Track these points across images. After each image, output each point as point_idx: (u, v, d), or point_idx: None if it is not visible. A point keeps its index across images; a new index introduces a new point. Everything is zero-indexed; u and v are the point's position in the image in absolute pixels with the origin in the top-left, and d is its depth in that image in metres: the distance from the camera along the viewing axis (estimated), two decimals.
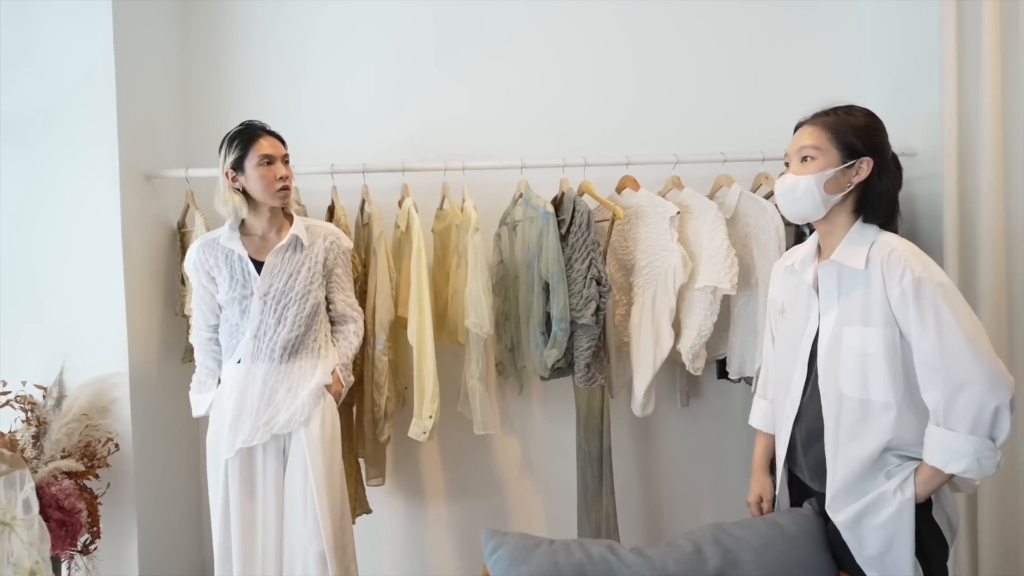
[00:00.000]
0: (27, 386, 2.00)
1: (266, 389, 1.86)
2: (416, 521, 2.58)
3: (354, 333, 2.03)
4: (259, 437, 1.84)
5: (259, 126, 1.89)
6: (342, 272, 2.00)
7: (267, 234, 1.93)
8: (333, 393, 1.94)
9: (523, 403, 2.56)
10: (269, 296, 1.86)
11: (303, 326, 1.89)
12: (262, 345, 1.87)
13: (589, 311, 2.08)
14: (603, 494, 2.24)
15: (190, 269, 1.94)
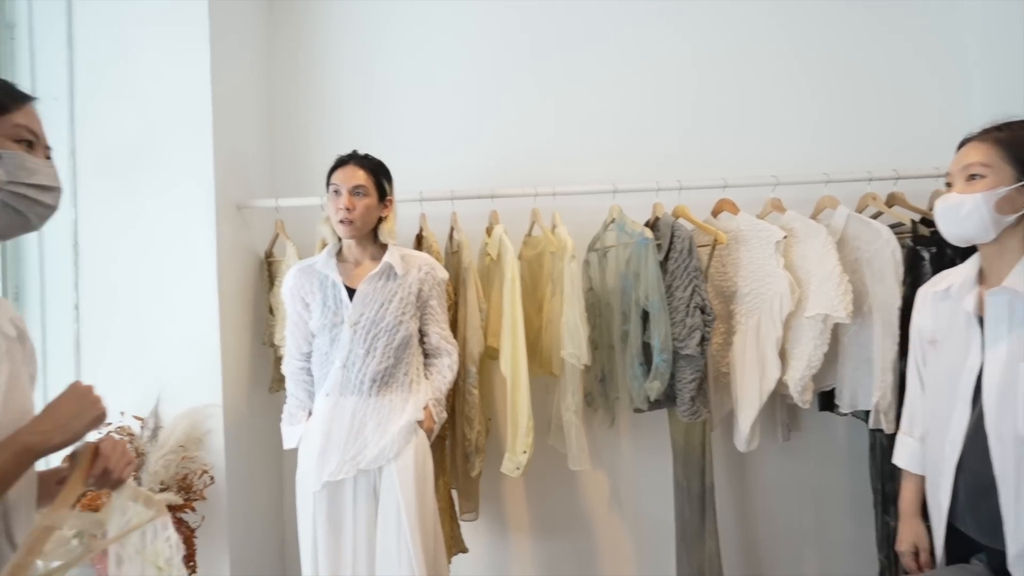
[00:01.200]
0: (125, 416, 2.00)
1: (355, 423, 1.81)
2: (502, 556, 2.49)
3: (448, 367, 1.96)
4: (346, 471, 1.79)
5: (346, 155, 1.88)
6: (436, 304, 1.94)
7: (361, 261, 1.90)
8: (425, 430, 1.87)
9: (611, 436, 2.46)
10: (359, 325, 1.82)
11: (392, 357, 1.84)
12: (351, 375, 1.82)
13: (693, 341, 1.98)
14: (706, 534, 2.12)
15: (286, 295, 1.93)
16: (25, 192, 0.91)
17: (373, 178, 1.85)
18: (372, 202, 1.84)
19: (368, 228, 1.87)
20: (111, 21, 2.10)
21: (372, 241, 1.90)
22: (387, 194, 1.89)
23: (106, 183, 2.11)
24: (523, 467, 2.05)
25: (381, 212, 1.88)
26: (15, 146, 0.92)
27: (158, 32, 2.09)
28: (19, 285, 2.11)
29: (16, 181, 0.90)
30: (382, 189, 1.87)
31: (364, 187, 1.82)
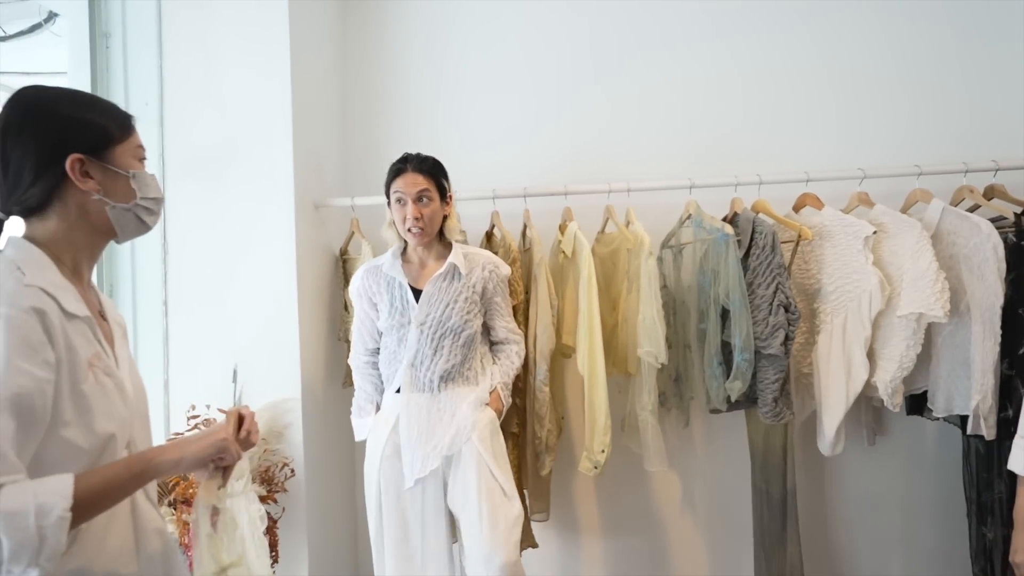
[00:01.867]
0: (211, 409, 2.07)
1: (430, 418, 1.83)
2: (572, 556, 2.47)
3: (516, 354, 1.98)
4: (431, 462, 1.80)
5: (403, 160, 1.86)
6: (501, 300, 1.95)
7: (426, 261, 1.91)
8: (493, 411, 1.88)
9: (686, 437, 2.41)
10: (426, 325, 1.83)
11: (459, 356, 1.86)
12: (419, 374, 1.85)
13: (777, 340, 1.92)
14: (787, 540, 2.05)
15: (353, 295, 1.96)
16: (149, 205, 1.04)
17: (434, 181, 1.84)
18: (437, 205, 1.84)
19: (435, 231, 1.88)
20: (197, 30, 2.18)
21: (437, 240, 1.91)
22: (447, 192, 1.88)
23: (192, 184, 2.19)
24: (601, 466, 2.03)
25: (444, 211, 1.88)
26: (140, 165, 1.04)
27: (241, 39, 2.16)
28: (113, 283, 2.21)
29: (146, 196, 1.03)
30: (442, 189, 1.86)
31: (428, 191, 1.81)
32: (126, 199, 1.01)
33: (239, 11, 2.15)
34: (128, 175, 1.01)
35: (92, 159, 0.97)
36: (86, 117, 0.98)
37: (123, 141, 1.01)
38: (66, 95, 1.01)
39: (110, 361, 0.99)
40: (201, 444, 1.03)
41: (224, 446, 1.04)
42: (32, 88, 0.98)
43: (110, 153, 0.99)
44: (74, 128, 0.96)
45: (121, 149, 1.01)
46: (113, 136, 1.00)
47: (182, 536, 1.79)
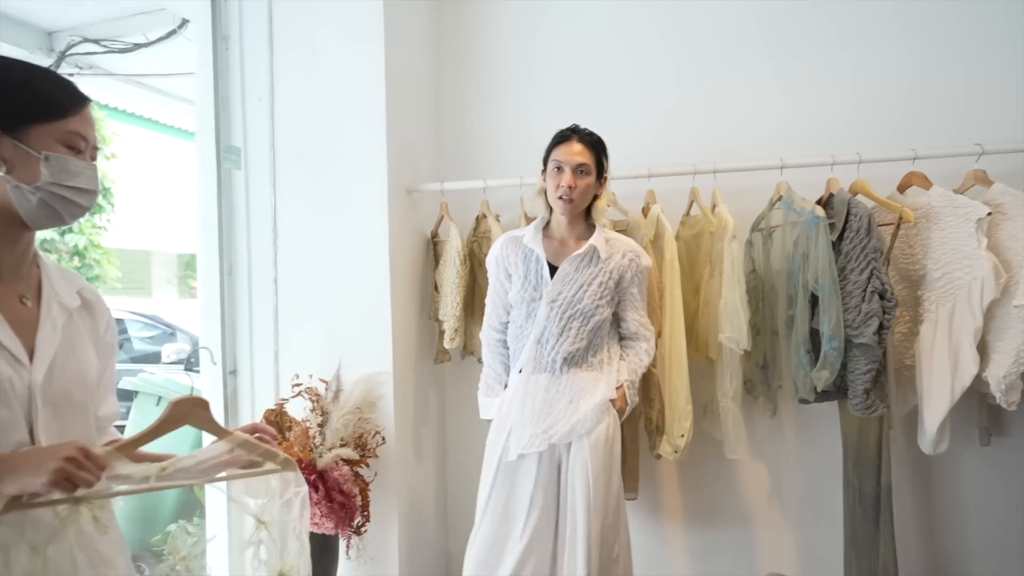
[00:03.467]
0: (313, 379, 2.25)
1: (547, 399, 1.81)
2: (656, 541, 2.47)
3: (646, 352, 1.90)
4: (538, 444, 1.79)
5: (570, 129, 1.84)
6: (637, 291, 1.88)
7: (567, 240, 1.89)
8: (617, 409, 1.83)
9: (774, 426, 2.33)
10: (556, 303, 1.81)
11: (585, 339, 1.82)
12: (544, 352, 1.83)
13: (870, 329, 1.81)
14: (880, 540, 1.94)
15: (491, 263, 1.96)
16: (63, 193, 0.96)
17: (594, 156, 1.81)
18: (592, 180, 1.81)
19: (584, 206, 1.85)
20: (303, 28, 2.34)
21: (582, 219, 1.88)
22: (604, 171, 1.85)
23: (298, 172, 2.38)
24: (681, 451, 2.02)
25: (596, 190, 1.85)
26: (63, 150, 0.96)
27: (341, 35, 2.30)
28: (232, 263, 2.45)
29: (57, 183, 0.95)
30: (600, 167, 1.83)
31: (587, 165, 1.79)
32: (31, 180, 0.94)
33: (340, 9, 2.30)
34: (39, 156, 0.94)
35: (1, 133, 0.92)
36: (8, 90, 0.93)
37: (47, 121, 0.95)
38: (7, 67, 0.96)
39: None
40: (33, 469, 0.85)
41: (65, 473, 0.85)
42: None
43: (25, 131, 0.93)
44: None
45: (42, 129, 0.94)
46: (33, 114, 0.94)
47: None
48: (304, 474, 1.97)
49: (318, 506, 1.96)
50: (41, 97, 0.96)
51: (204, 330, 2.45)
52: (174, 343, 4.90)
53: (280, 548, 1.05)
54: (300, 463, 1.98)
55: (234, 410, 2.42)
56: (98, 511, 0.92)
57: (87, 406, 1.02)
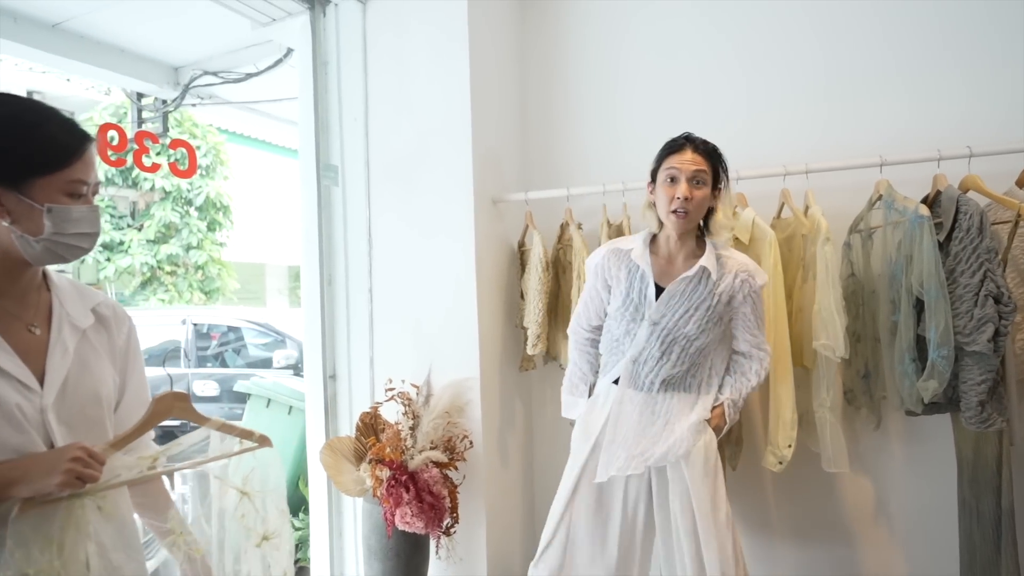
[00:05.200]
0: (405, 384, 2.36)
1: (643, 419, 1.75)
2: (752, 557, 2.36)
3: (756, 373, 1.78)
4: (634, 467, 1.72)
5: (684, 137, 1.71)
6: (751, 311, 1.75)
7: (675, 257, 1.76)
8: (713, 427, 1.75)
9: (879, 439, 2.19)
10: (659, 326, 1.71)
11: (687, 363, 1.73)
12: (640, 372, 1.75)
13: (984, 336, 1.68)
14: (1001, 567, 1.78)
15: (590, 269, 1.87)
16: (66, 240, 1.00)
17: (711, 165, 1.68)
18: (708, 192, 1.68)
19: (698, 221, 1.72)
20: (394, 50, 2.47)
21: (693, 236, 1.76)
22: (719, 182, 1.71)
23: (391, 186, 2.50)
24: (786, 461, 1.95)
25: (712, 202, 1.71)
26: (66, 200, 0.99)
27: (428, 55, 2.41)
28: (331, 273, 2.61)
29: (60, 232, 0.98)
30: (717, 176, 1.70)
31: (703, 172, 1.66)
32: (34, 232, 0.97)
33: (426, 30, 2.40)
34: (42, 208, 0.96)
35: (5, 188, 0.95)
36: (11, 142, 0.96)
37: (49, 173, 0.97)
38: (9, 116, 0.97)
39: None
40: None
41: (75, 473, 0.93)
42: None
43: (28, 184, 0.96)
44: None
45: (45, 182, 0.97)
46: (36, 167, 0.96)
47: (375, 492, 2.08)
48: (396, 475, 2.08)
49: (409, 506, 2.04)
50: (44, 148, 0.97)
51: (307, 337, 2.62)
52: (284, 349, 5.24)
53: (262, 515, 1.15)
54: (392, 464, 2.09)
55: (333, 412, 2.57)
56: (100, 501, 1.00)
57: (103, 419, 1.07)
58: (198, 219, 9.80)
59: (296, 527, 3.03)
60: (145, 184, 9.27)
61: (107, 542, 1.02)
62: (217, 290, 10.18)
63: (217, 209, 10.04)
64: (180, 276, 9.83)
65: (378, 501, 2.10)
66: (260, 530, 1.14)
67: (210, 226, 10.03)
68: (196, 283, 10.02)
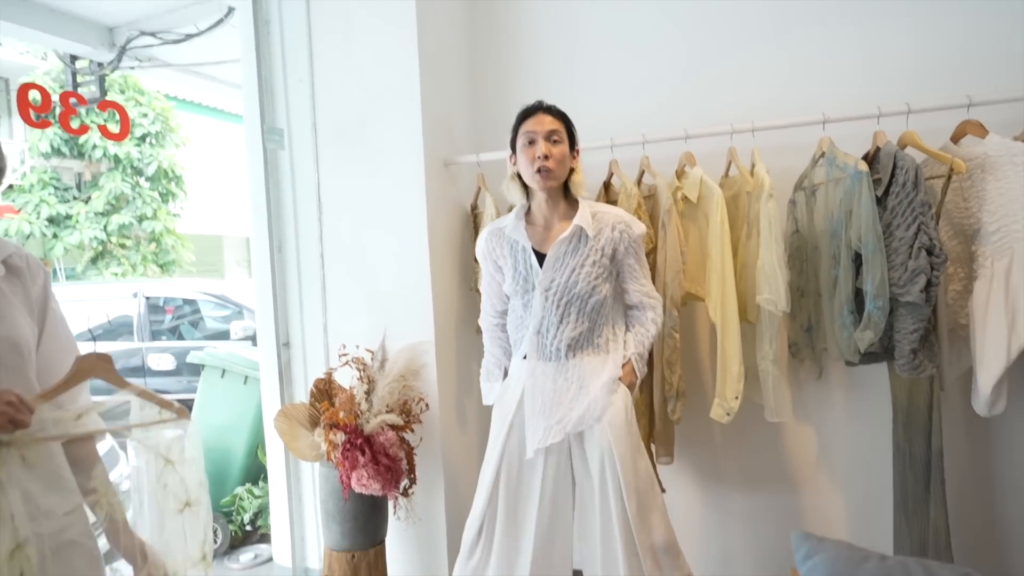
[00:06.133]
0: (359, 349, 2.34)
1: (556, 388, 1.78)
2: (703, 504, 2.46)
3: (652, 321, 1.84)
4: (553, 436, 1.76)
5: (533, 105, 1.80)
6: (635, 262, 1.82)
7: (551, 223, 1.82)
8: (627, 385, 1.80)
9: (822, 390, 2.27)
10: (551, 292, 1.76)
11: (587, 322, 1.77)
12: (545, 342, 1.79)
13: (916, 287, 1.74)
14: (930, 505, 1.88)
15: (480, 257, 1.95)
16: None
17: (564, 125, 1.78)
18: (566, 149, 1.76)
19: (563, 178, 1.78)
20: (339, 10, 2.39)
21: (563, 197, 1.82)
22: (575, 143, 1.81)
23: (340, 149, 2.45)
24: (733, 413, 2.01)
25: (571, 162, 1.79)
26: None
27: (375, 16, 2.34)
28: (281, 240, 2.57)
29: None
30: (572, 138, 1.80)
31: (558, 131, 1.75)
32: None
33: None
34: None
35: None
36: None
37: None
38: None
39: None
40: None
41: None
42: None
43: None
44: None
45: None
46: None
47: (329, 456, 2.08)
48: (351, 438, 2.08)
49: (365, 468, 2.05)
50: None
51: (259, 305, 2.58)
52: (241, 321, 5.15)
53: (185, 484, 1.19)
54: (347, 428, 2.09)
55: (288, 380, 2.56)
56: (25, 451, 1.02)
57: (23, 368, 1.08)
58: (150, 190, 9.48)
59: (256, 495, 3.03)
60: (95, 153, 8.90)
61: (33, 488, 1.02)
62: (172, 263, 9.91)
63: (170, 179, 9.71)
64: (133, 249, 9.53)
65: (334, 465, 2.10)
66: (183, 498, 1.17)
67: (163, 197, 9.71)
68: (150, 256, 9.73)
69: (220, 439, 3.16)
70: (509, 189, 1.86)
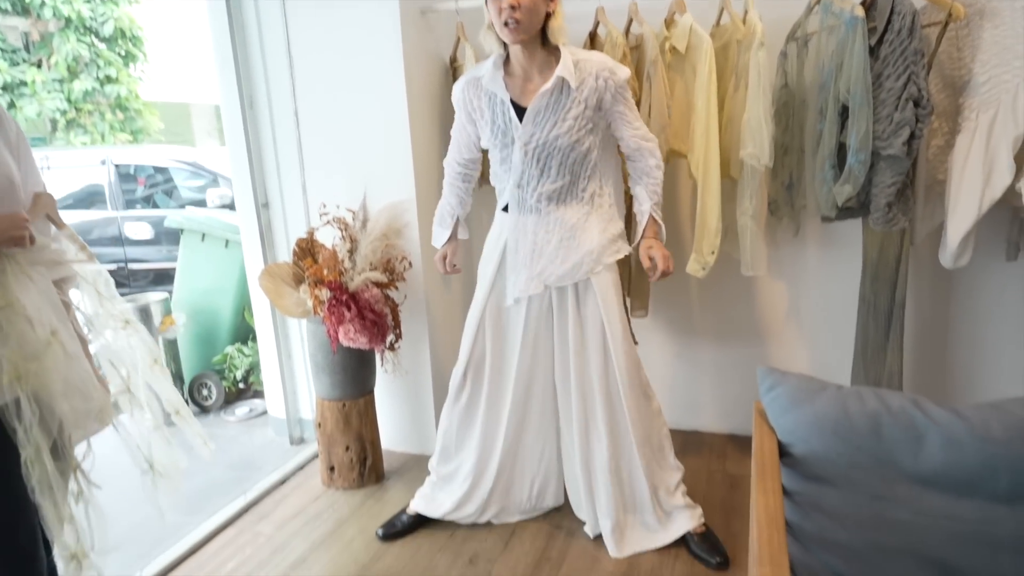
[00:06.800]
0: (340, 209, 2.32)
1: (536, 240, 1.79)
2: (674, 356, 2.59)
3: (656, 167, 1.78)
4: (534, 287, 1.80)
5: None
6: (624, 108, 1.74)
7: (531, 74, 1.72)
8: (655, 239, 1.78)
9: (796, 247, 2.33)
10: (531, 146, 1.71)
11: (568, 175, 1.74)
12: (526, 195, 1.77)
13: (899, 139, 1.73)
14: (888, 350, 2.00)
15: (455, 103, 1.88)
16: None
17: None
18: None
19: (536, 28, 1.64)
20: None
21: (540, 45, 1.70)
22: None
23: None
24: (709, 268, 2.06)
25: (547, 7, 1.64)
26: None
27: None
28: (252, 96, 2.45)
29: None
30: None
31: None
32: None
33: None
34: None
35: None
36: None
37: None
38: None
39: None
40: None
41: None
42: None
43: None
44: None
45: None
46: None
47: (316, 310, 2.13)
48: (337, 295, 2.12)
49: (352, 323, 2.10)
50: None
51: (234, 165, 2.51)
52: (217, 188, 5.04)
53: (118, 306, 1.32)
54: (332, 285, 2.12)
55: (270, 241, 2.55)
56: (30, 269, 1.17)
57: (16, 201, 1.19)
58: (108, 50, 8.87)
59: (246, 354, 3.12)
60: (43, 12, 8.20)
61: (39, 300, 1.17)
62: (141, 130, 9.51)
63: (128, 39, 9.08)
64: (99, 117, 9.08)
65: (321, 320, 2.16)
66: (122, 318, 1.31)
67: (124, 60, 9.13)
68: (117, 124, 9.30)
69: (206, 301, 3.20)
70: (486, 39, 1.73)
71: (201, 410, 3.11)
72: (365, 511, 2.20)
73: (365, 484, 2.35)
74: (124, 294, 2.97)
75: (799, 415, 1.22)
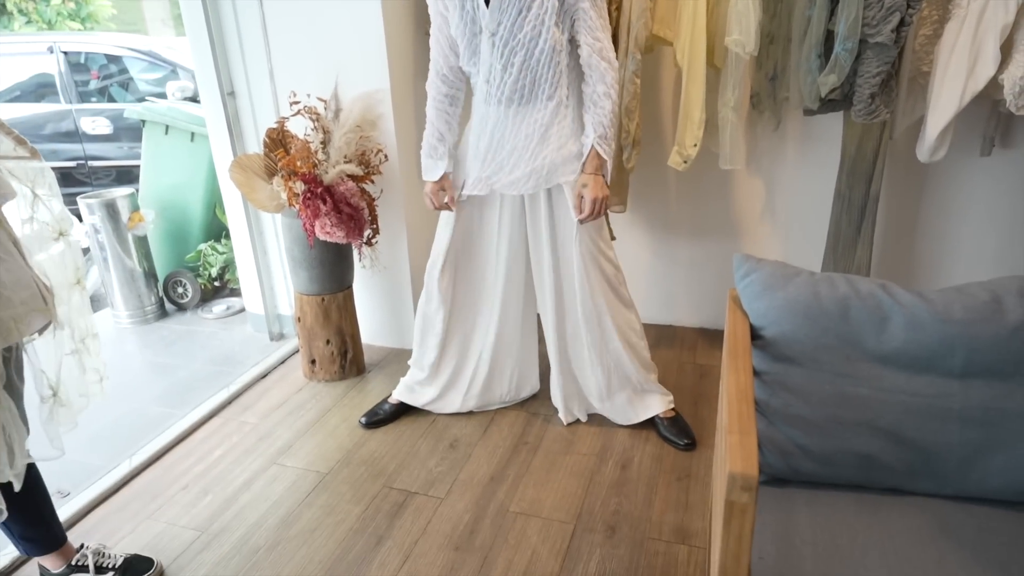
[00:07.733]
0: (311, 98, 2.23)
1: (493, 141, 1.75)
2: (651, 253, 2.62)
3: (604, 95, 1.66)
4: (480, 189, 1.80)
5: None
6: (589, 5, 1.62)
7: None
8: (595, 173, 1.71)
9: (776, 141, 2.32)
10: (498, 36, 1.63)
11: (531, 73, 1.66)
12: (491, 89, 1.70)
13: (888, 26, 1.70)
14: (859, 244, 2.05)
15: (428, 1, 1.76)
16: None
17: None
18: None
19: None
20: None
21: None
22: None
23: None
24: (691, 161, 2.04)
25: None
26: None
27: None
28: None
29: None
30: None
31: None
32: None
33: None
34: None
35: None
36: None
37: None
38: None
39: None
40: None
41: None
42: None
43: None
44: None
45: None
46: None
47: (291, 202, 2.09)
48: (312, 188, 2.07)
49: (328, 217, 2.07)
50: None
51: (195, 49, 2.37)
52: (178, 80, 4.77)
53: (53, 213, 1.27)
54: (306, 177, 2.07)
55: (238, 132, 2.45)
56: None
57: None
58: None
59: (220, 251, 3.08)
60: None
61: None
62: (90, 16, 8.83)
63: None
64: (43, 1, 8.37)
65: (296, 213, 2.12)
66: (56, 227, 1.27)
67: None
68: (65, 11, 8.60)
69: (174, 196, 3.11)
70: None
71: (177, 308, 3.10)
72: (347, 401, 2.26)
73: (346, 376, 2.40)
74: (87, 192, 2.89)
75: (772, 299, 1.26)
